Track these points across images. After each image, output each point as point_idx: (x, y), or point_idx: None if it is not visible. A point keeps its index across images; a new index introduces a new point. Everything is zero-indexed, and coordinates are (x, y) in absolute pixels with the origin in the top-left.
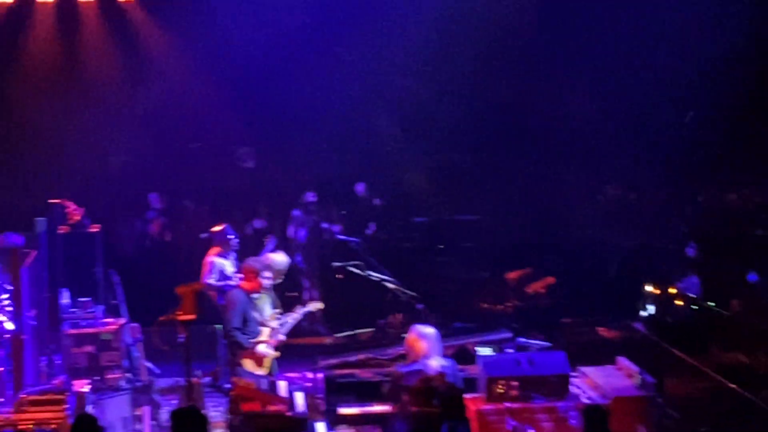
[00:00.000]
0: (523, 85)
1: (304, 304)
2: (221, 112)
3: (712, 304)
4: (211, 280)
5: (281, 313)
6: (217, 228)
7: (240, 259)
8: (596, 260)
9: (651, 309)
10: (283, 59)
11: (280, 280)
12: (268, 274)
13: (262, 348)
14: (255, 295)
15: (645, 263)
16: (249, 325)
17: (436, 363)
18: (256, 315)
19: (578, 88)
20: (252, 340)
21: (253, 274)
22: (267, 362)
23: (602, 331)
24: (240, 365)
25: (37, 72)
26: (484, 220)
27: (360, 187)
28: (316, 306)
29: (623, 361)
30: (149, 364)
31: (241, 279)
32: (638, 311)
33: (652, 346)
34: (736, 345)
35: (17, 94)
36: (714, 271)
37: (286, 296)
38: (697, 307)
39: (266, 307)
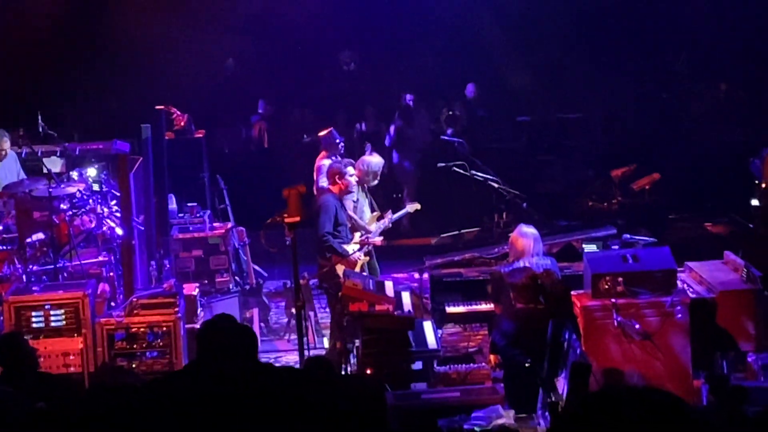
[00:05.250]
0: None
1: (403, 205)
2: (323, 16)
3: None
4: (323, 183)
5: (380, 216)
6: (323, 132)
7: None
8: (702, 156)
9: (758, 203)
10: None
11: (375, 182)
12: (352, 172)
13: (353, 252)
14: (353, 199)
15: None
16: (340, 230)
17: (537, 261)
18: (354, 218)
19: None
20: (344, 245)
21: (336, 176)
22: (358, 267)
23: (708, 227)
24: (333, 270)
25: None
26: (589, 117)
27: (470, 88)
28: (413, 207)
29: (730, 255)
30: (257, 267)
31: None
32: (745, 206)
33: (760, 240)
34: None
35: None
36: None
37: (392, 198)
38: None
39: (366, 210)
